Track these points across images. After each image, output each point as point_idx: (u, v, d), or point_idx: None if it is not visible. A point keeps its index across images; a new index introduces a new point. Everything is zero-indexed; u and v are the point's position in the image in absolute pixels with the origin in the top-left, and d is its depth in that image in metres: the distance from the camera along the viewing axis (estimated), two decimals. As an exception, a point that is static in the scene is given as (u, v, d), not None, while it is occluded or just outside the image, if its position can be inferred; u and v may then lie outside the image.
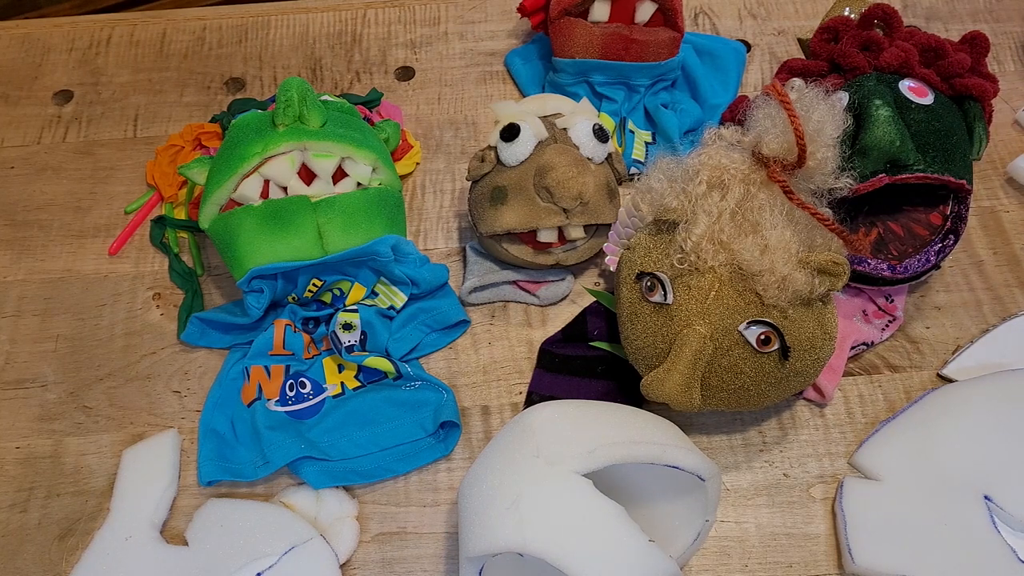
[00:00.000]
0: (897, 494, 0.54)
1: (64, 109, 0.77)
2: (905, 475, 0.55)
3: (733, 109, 0.62)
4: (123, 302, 0.66)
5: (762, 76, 0.78)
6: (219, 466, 0.57)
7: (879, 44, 0.61)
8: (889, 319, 0.61)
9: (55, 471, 0.58)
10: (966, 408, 0.56)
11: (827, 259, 0.49)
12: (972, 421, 0.55)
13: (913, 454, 0.55)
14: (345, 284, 0.60)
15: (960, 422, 0.56)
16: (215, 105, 0.77)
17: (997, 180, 0.71)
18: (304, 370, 0.60)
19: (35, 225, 0.70)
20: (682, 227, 0.51)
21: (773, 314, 0.49)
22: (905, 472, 0.55)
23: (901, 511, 0.53)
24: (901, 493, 0.54)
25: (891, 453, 0.56)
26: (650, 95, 0.73)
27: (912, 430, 0.56)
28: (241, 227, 0.57)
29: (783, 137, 0.50)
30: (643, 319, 0.53)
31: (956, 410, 0.56)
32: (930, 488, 0.54)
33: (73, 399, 0.61)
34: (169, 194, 0.70)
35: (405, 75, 0.79)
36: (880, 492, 0.55)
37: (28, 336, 0.64)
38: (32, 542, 0.56)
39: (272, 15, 0.83)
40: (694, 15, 0.83)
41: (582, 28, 0.69)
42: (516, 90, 0.78)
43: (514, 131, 0.59)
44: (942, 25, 0.81)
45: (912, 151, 0.55)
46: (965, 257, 0.66)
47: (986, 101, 0.61)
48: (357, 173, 0.59)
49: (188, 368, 0.63)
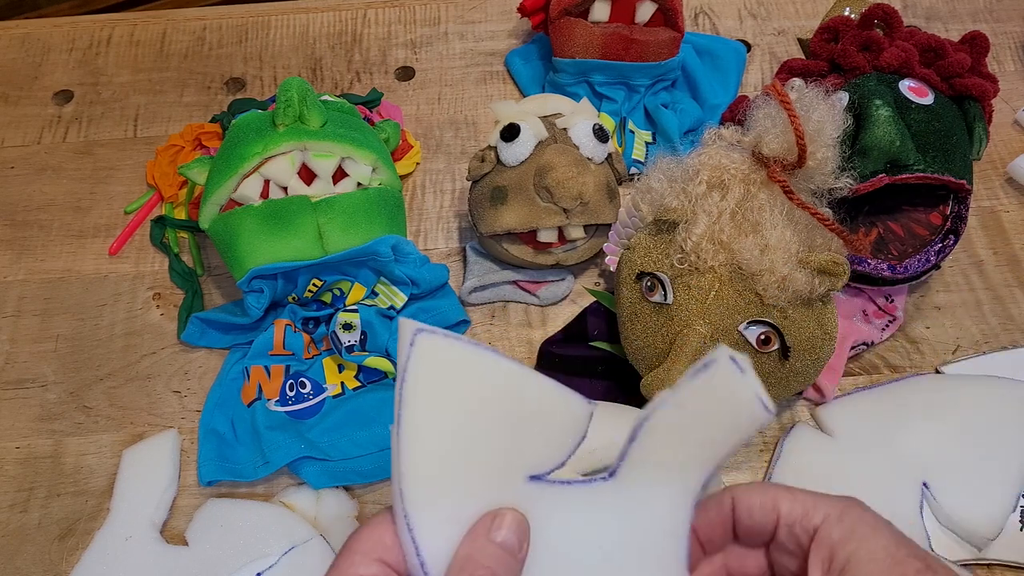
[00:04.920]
0: (841, 452, 0.55)
1: (64, 109, 0.77)
2: (856, 438, 0.56)
3: (733, 109, 0.62)
4: (123, 302, 0.66)
5: (762, 76, 0.78)
6: (219, 466, 0.57)
7: (879, 44, 0.61)
8: (889, 319, 0.61)
9: (55, 471, 0.58)
10: (941, 398, 0.57)
11: (827, 259, 0.49)
12: (941, 412, 0.56)
13: (873, 424, 0.56)
14: (345, 284, 0.60)
15: (929, 410, 0.57)
16: (215, 105, 0.77)
17: (997, 180, 0.71)
18: (304, 370, 0.60)
19: (35, 225, 0.70)
20: (682, 227, 0.51)
21: (773, 314, 0.49)
22: (858, 436, 0.56)
23: (837, 467, 0.54)
24: (845, 453, 0.55)
25: (852, 416, 0.57)
26: (650, 95, 0.73)
27: (882, 403, 0.58)
28: (241, 227, 0.57)
29: (783, 137, 0.50)
30: (643, 319, 0.53)
31: (931, 398, 0.57)
32: (874, 458, 0.55)
33: (73, 399, 0.61)
34: (169, 194, 0.70)
35: (405, 75, 0.79)
36: (826, 445, 0.56)
37: (28, 336, 0.64)
38: (32, 542, 0.56)
39: (272, 15, 0.83)
40: (694, 15, 0.83)
41: (582, 28, 0.69)
42: (516, 90, 0.78)
43: (514, 131, 0.59)
44: (942, 25, 0.81)
45: (912, 151, 0.55)
46: (965, 257, 0.66)
47: (986, 101, 0.61)
48: (357, 173, 0.59)
49: (188, 368, 0.63)
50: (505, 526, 0.31)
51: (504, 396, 0.31)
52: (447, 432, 0.31)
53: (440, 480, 0.31)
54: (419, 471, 0.31)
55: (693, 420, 0.31)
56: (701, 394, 0.30)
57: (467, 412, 0.31)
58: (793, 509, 0.33)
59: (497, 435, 0.32)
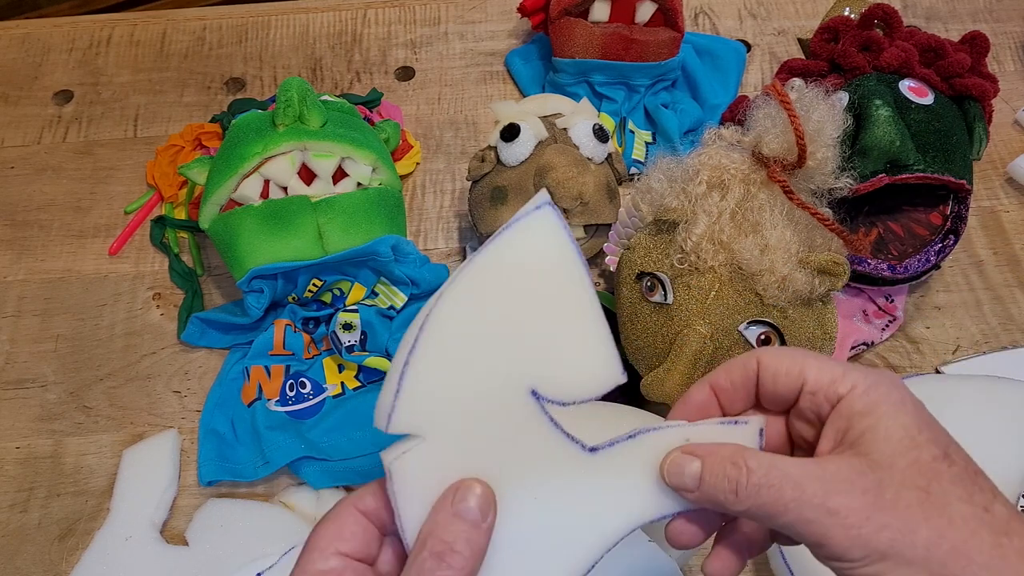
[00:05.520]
0: None
1: (64, 109, 0.77)
2: None
3: (733, 109, 0.62)
4: (123, 302, 0.66)
5: (762, 76, 0.78)
6: (219, 466, 0.57)
7: (879, 44, 0.61)
8: (889, 319, 0.61)
9: (55, 471, 0.58)
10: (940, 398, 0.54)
11: (827, 259, 0.49)
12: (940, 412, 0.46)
13: None
14: (345, 284, 0.60)
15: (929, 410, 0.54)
16: (215, 105, 0.77)
17: (997, 180, 0.71)
18: (304, 370, 0.60)
19: (35, 225, 0.70)
20: (682, 227, 0.51)
21: (773, 314, 0.49)
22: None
23: None
24: None
25: None
26: (650, 95, 0.73)
27: None
28: (241, 227, 0.57)
29: (783, 137, 0.50)
30: (643, 319, 0.53)
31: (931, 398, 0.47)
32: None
33: (73, 399, 0.61)
34: (169, 194, 0.70)
35: (405, 75, 0.79)
36: None
37: (28, 336, 0.64)
38: (32, 542, 0.56)
39: (272, 15, 0.83)
40: (694, 15, 0.83)
41: (582, 28, 0.69)
42: (516, 90, 0.78)
43: (514, 131, 0.59)
44: (942, 25, 0.81)
45: (912, 151, 0.55)
46: (965, 257, 0.66)
47: (986, 101, 0.61)
48: (357, 173, 0.59)
49: (188, 368, 0.63)
50: (469, 497, 0.31)
51: (566, 307, 0.32)
52: (498, 304, 0.31)
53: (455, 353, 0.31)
54: (446, 329, 0.31)
55: None
56: None
57: (530, 294, 0.31)
58: (820, 377, 0.32)
59: (538, 331, 0.32)
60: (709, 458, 0.31)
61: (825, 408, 0.31)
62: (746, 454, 0.31)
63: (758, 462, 0.30)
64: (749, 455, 0.31)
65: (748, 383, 0.34)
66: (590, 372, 0.33)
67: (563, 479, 0.32)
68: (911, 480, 0.29)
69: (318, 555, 0.31)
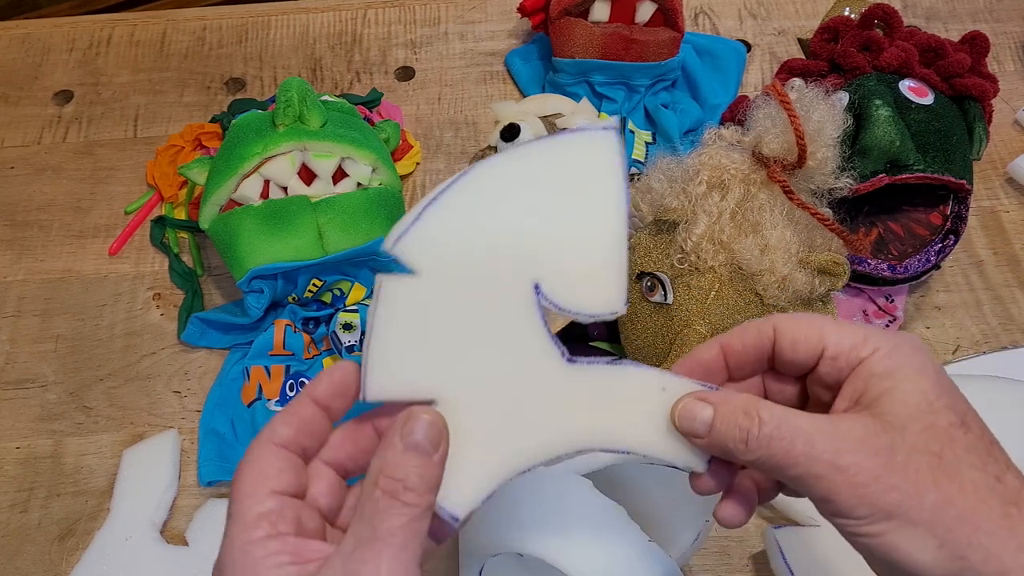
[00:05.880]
0: None
1: (64, 109, 0.77)
2: None
3: (733, 109, 0.63)
4: (123, 302, 0.66)
5: (762, 76, 0.78)
6: (219, 466, 0.57)
7: (879, 44, 0.61)
8: (889, 319, 0.61)
9: (55, 471, 0.58)
10: None
11: (827, 259, 0.49)
12: None
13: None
14: (345, 284, 0.60)
15: None
16: (215, 105, 0.77)
17: (997, 180, 0.71)
18: (304, 370, 0.60)
19: (35, 225, 0.70)
20: (682, 227, 0.51)
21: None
22: None
23: None
24: None
25: None
26: (650, 95, 0.73)
27: None
28: (241, 227, 0.57)
29: (783, 137, 0.50)
30: (643, 319, 0.53)
31: None
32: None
33: (73, 399, 0.61)
34: (169, 194, 0.70)
35: (405, 75, 0.79)
36: None
37: (28, 336, 0.64)
38: (32, 542, 0.56)
39: (272, 15, 0.83)
40: (694, 15, 0.83)
41: (582, 28, 0.69)
42: (516, 90, 0.78)
43: (514, 131, 0.59)
44: (942, 25, 0.81)
45: (912, 151, 0.55)
46: (965, 257, 0.66)
47: (986, 101, 0.61)
48: (357, 173, 0.59)
49: (188, 368, 0.63)
50: (417, 429, 0.30)
51: (598, 224, 0.32)
52: (539, 189, 0.32)
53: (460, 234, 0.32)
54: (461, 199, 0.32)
55: None
56: None
57: (571, 196, 0.32)
58: (841, 342, 0.31)
59: (565, 232, 0.32)
60: (722, 406, 0.31)
61: (845, 372, 0.31)
62: (759, 405, 0.31)
63: (771, 413, 0.30)
64: (762, 406, 0.31)
65: (761, 348, 0.33)
66: (597, 289, 0.33)
67: (535, 376, 0.33)
68: (924, 444, 0.29)
69: (251, 501, 0.29)
